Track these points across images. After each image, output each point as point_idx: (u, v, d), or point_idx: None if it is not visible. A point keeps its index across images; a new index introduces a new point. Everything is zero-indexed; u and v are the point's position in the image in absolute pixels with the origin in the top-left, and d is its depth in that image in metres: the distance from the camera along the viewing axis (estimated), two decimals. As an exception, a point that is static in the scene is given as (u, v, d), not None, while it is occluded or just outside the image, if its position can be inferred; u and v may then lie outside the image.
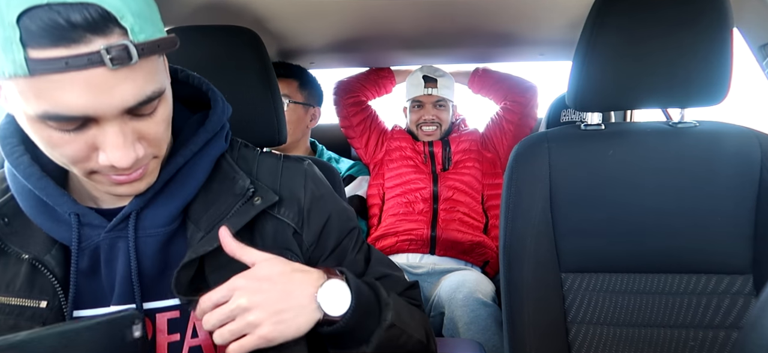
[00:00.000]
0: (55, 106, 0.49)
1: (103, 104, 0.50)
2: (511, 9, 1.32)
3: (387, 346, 0.65)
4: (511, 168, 1.03)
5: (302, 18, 1.36)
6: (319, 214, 0.72)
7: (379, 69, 1.89)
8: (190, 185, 0.64)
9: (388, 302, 0.66)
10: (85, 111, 0.50)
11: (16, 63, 0.46)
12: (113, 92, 0.50)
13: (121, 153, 0.53)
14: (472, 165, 1.74)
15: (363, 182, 1.80)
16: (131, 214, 0.61)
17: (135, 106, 0.52)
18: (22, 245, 0.60)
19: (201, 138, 0.66)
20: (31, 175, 0.59)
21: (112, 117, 0.52)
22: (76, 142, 0.52)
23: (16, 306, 0.59)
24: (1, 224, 0.60)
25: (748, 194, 0.96)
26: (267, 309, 0.57)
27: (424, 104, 1.80)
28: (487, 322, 1.36)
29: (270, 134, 0.98)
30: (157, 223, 0.62)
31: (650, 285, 0.99)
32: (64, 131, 0.52)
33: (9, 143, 0.61)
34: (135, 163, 0.55)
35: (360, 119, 1.83)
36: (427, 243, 1.64)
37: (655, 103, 1.01)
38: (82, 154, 0.53)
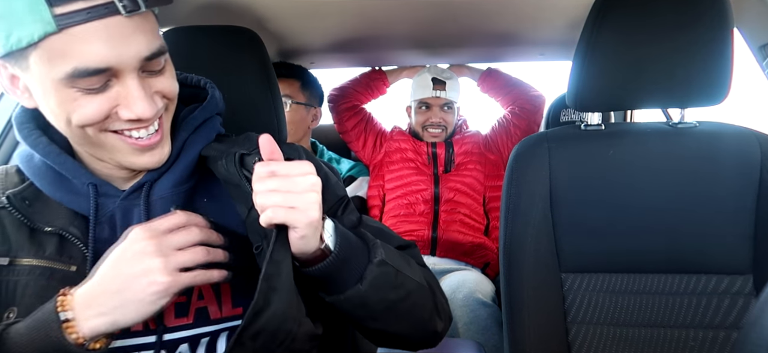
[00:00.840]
0: (81, 60, 0.55)
1: (123, 53, 0.57)
2: (511, 9, 1.32)
3: (384, 286, 0.65)
4: (511, 168, 1.03)
5: (302, 18, 1.36)
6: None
7: (371, 72, 1.88)
8: (191, 151, 0.70)
9: (375, 242, 0.68)
10: (108, 61, 0.56)
11: (44, 20, 0.53)
12: (130, 42, 0.57)
13: (145, 104, 0.59)
14: (474, 167, 1.74)
15: (363, 182, 1.80)
16: (145, 184, 0.67)
17: (149, 57, 0.59)
18: (47, 222, 0.64)
19: (201, 114, 0.72)
20: (51, 152, 0.65)
21: (132, 69, 0.58)
22: (99, 100, 0.58)
23: (47, 267, 0.62)
24: (25, 206, 0.64)
25: (748, 194, 0.96)
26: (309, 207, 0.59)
27: (432, 105, 1.79)
28: (487, 322, 1.36)
29: (270, 134, 0.98)
30: (165, 187, 0.68)
31: (650, 285, 0.99)
32: (89, 90, 0.57)
33: (26, 128, 0.66)
34: (155, 114, 0.61)
35: (354, 122, 1.82)
36: (428, 245, 1.64)
37: (655, 103, 1.01)
38: (105, 112, 0.59)
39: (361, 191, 1.78)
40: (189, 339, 0.66)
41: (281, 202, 0.58)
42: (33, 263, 0.62)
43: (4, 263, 0.62)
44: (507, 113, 1.81)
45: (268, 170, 0.60)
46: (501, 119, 1.82)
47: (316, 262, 0.63)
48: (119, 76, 0.58)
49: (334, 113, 1.85)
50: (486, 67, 1.87)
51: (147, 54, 0.59)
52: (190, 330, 0.66)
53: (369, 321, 0.68)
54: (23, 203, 0.64)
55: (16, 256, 0.62)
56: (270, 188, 0.59)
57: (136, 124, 0.61)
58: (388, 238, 0.76)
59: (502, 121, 1.81)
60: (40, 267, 0.62)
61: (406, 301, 0.69)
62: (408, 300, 0.69)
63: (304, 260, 0.63)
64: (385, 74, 1.90)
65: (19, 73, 0.59)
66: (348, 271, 0.65)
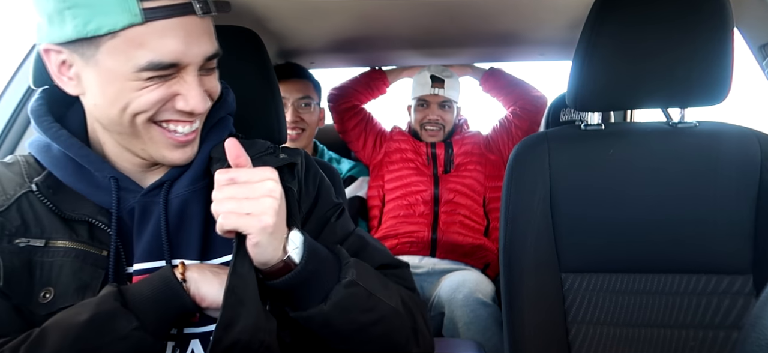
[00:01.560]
0: (157, 53, 0.59)
1: (193, 50, 0.62)
2: (511, 9, 1.32)
3: (352, 307, 0.64)
4: (511, 168, 1.03)
5: (302, 18, 1.36)
6: (313, 183, 0.78)
7: (371, 71, 1.89)
8: (205, 149, 0.72)
9: (348, 261, 0.67)
10: (180, 57, 0.61)
11: (131, 12, 0.57)
12: (200, 41, 0.63)
13: (200, 99, 0.64)
14: (474, 168, 1.74)
15: (364, 183, 1.80)
16: (166, 182, 0.69)
17: (211, 56, 0.65)
18: (74, 210, 0.65)
19: (218, 112, 0.74)
20: (73, 145, 0.66)
21: (195, 66, 0.63)
22: (160, 91, 0.62)
23: (82, 250, 0.64)
24: (50, 193, 0.65)
25: (748, 194, 0.96)
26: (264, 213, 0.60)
27: (430, 103, 1.79)
28: (487, 322, 1.36)
29: (270, 134, 0.98)
30: (182, 185, 0.69)
31: (650, 285, 0.99)
32: (154, 82, 0.61)
33: (44, 121, 0.67)
34: (205, 111, 0.66)
35: (354, 122, 1.82)
36: (428, 246, 1.64)
37: (655, 103, 1.01)
38: (161, 102, 0.63)
39: (361, 192, 1.78)
40: (200, 335, 0.66)
41: (235, 208, 0.59)
42: (67, 245, 0.63)
43: (40, 244, 0.63)
44: (508, 113, 1.81)
45: (227, 178, 0.61)
46: (502, 120, 1.82)
47: (281, 274, 0.62)
48: (182, 71, 0.63)
49: (334, 112, 1.85)
50: (489, 67, 1.87)
51: (211, 53, 0.65)
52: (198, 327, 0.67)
53: (336, 342, 0.67)
54: (49, 190, 0.65)
55: (51, 237, 0.63)
56: (227, 196, 0.60)
57: (185, 117, 0.65)
58: (373, 252, 0.76)
59: (503, 121, 1.81)
60: (74, 249, 0.63)
61: (378, 325, 0.67)
62: (380, 324, 0.67)
63: (267, 272, 0.63)
64: (385, 74, 1.90)
65: (75, 60, 0.62)
66: (313, 288, 0.64)
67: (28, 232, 0.63)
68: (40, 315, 0.60)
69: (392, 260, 0.78)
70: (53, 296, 0.61)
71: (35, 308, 0.60)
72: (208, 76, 0.67)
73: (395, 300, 0.70)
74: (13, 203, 0.64)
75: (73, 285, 0.62)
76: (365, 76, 1.87)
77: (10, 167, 0.68)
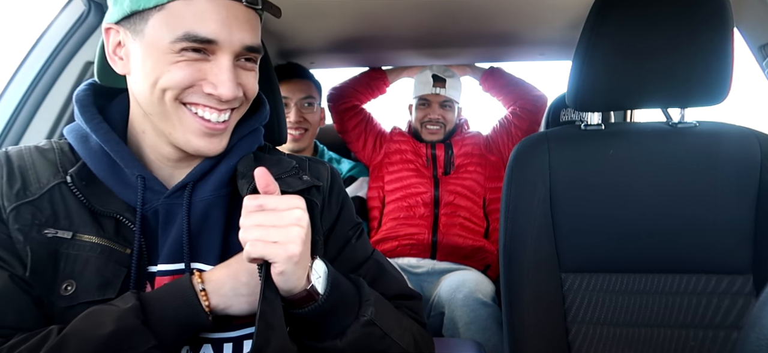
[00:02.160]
0: (195, 26, 0.61)
1: (232, 34, 0.63)
2: (511, 9, 1.32)
3: (365, 347, 0.64)
4: (511, 168, 1.03)
5: (302, 18, 1.36)
6: (337, 201, 0.78)
7: (371, 71, 1.89)
8: (235, 156, 0.72)
9: (369, 298, 0.67)
10: (217, 34, 0.62)
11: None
12: (241, 27, 0.63)
13: (229, 85, 0.63)
14: (474, 169, 1.74)
15: (364, 183, 1.80)
16: (188, 184, 0.68)
17: (250, 47, 0.65)
18: (103, 204, 0.66)
19: (252, 123, 0.75)
20: (110, 139, 0.67)
21: (230, 51, 0.63)
22: (191, 68, 0.63)
23: (107, 247, 0.64)
24: (83, 186, 0.65)
25: (748, 195, 0.96)
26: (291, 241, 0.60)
27: (431, 102, 1.79)
28: (487, 322, 1.36)
29: (270, 134, 0.98)
30: (205, 192, 0.69)
31: (650, 285, 0.99)
32: (189, 55, 0.62)
33: (88, 111, 0.68)
34: (233, 100, 0.65)
35: (354, 123, 1.82)
36: (428, 248, 1.63)
37: (655, 103, 1.01)
38: (192, 80, 0.63)
39: (362, 192, 1.78)
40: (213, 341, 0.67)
41: (262, 236, 0.58)
42: (94, 241, 0.64)
43: (67, 237, 0.63)
44: (508, 113, 1.81)
45: (256, 204, 0.60)
46: (502, 120, 1.82)
47: (303, 304, 0.62)
48: (217, 53, 0.63)
49: (334, 112, 1.85)
50: (489, 67, 1.87)
51: (250, 43, 0.65)
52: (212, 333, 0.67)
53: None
54: (81, 183, 0.65)
55: (78, 231, 0.63)
56: (255, 223, 0.59)
57: (212, 101, 0.65)
58: (391, 282, 0.77)
59: (503, 121, 1.81)
60: (100, 245, 0.64)
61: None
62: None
63: (290, 300, 0.62)
64: (385, 74, 1.90)
65: (127, 38, 0.64)
66: (332, 322, 0.64)
67: (56, 223, 0.63)
68: (60, 306, 0.61)
69: (407, 290, 0.78)
70: (75, 289, 0.61)
71: (56, 299, 0.61)
72: (245, 71, 0.67)
73: (407, 339, 0.70)
74: (45, 192, 0.64)
75: (96, 281, 0.62)
76: (365, 76, 1.87)
77: (45, 154, 0.68)
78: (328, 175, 0.79)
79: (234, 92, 0.64)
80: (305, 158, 0.81)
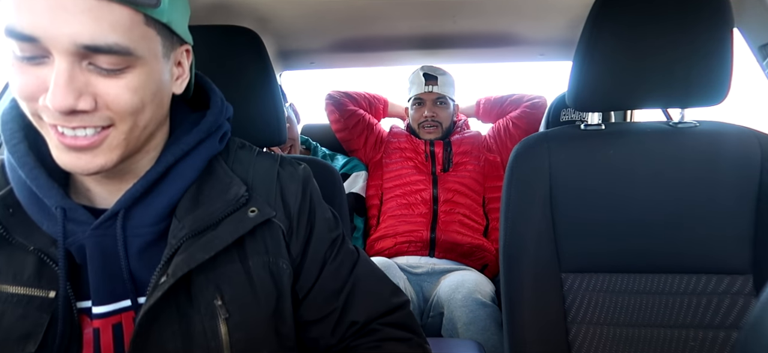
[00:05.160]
0: (15, 19, 0.49)
1: (55, 29, 0.49)
2: (511, 9, 1.32)
3: None
4: (511, 168, 1.03)
5: (302, 18, 1.36)
6: (308, 222, 0.71)
7: (375, 95, 1.96)
8: (177, 185, 0.63)
9: None
10: (34, 30, 0.49)
11: None
12: (70, 20, 0.49)
13: (60, 92, 0.50)
14: (473, 167, 1.74)
15: (358, 178, 1.80)
16: (119, 213, 0.59)
17: (91, 47, 0.50)
18: (27, 237, 0.58)
19: (192, 137, 0.64)
20: (26, 164, 0.58)
21: (64, 52, 0.50)
22: (29, 75, 0.51)
23: (25, 295, 0.57)
24: (7, 214, 0.59)
25: (748, 194, 0.96)
26: None
27: (425, 101, 1.81)
28: (487, 322, 1.36)
29: (270, 134, 0.98)
30: (145, 222, 0.61)
31: (650, 285, 0.99)
32: (22, 58, 0.51)
33: (9, 129, 0.60)
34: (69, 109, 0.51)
35: (356, 120, 1.85)
36: (427, 245, 1.64)
37: (655, 103, 1.01)
38: (31, 89, 0.52)
39: (356, 187, 1.78)
40: None
41: None
42: (9, 291, 0.57)
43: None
44: (508, 115, 1.84)
45: None
46: (501, 120, 1.84)
47: None
48: (52, 56, 0.51)
49: (337, 110, 1.85)
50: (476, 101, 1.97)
51: (88, 42, 0.50)
52: None
53: None
54: (6, 211, 0.58)
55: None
56: None
57: (58, 117, 0.52)
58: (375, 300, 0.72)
59: (502, 121, 1.83)
60: (17, 294, 0.57)
61: None
62: None
63: None
64: (387, 103, 1.99)
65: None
66: None
67: None
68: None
69: (391, 302, 0.73)
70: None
71: None
72: (107, 79, 0.53)
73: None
74: None
75: (15, 333, 0.55)
76: (369, 96, 1.94)
77: None
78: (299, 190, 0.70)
79: (66, 102, 0.50)
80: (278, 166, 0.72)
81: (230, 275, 0.63)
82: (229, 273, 0.63)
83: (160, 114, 0.61)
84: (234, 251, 0.64)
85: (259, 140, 1.00)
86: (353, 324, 0.70)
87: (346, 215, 1.03)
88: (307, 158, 1.05)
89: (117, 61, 0.53)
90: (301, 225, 0.70)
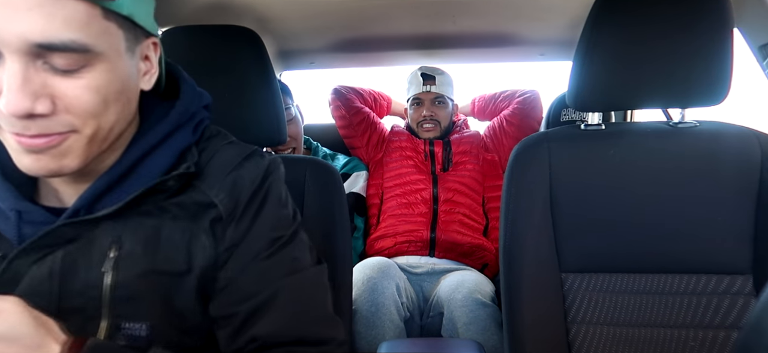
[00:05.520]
0: None
1: (5, 26, 0.45)
2: (511, 9, 1.32)
3: None
4: (511, 168, 1.03)
5: (302, 18, 1.36)
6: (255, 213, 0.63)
7: (380, 92, 1.97)
8: (143, 181, 0.58)
9: None
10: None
11: None
12: (20, 17, 0.45)
13: (14, 96, 0.46)
14: (473, 167, 1.75)
15: (359, 178, 1.80)
16: (80, 211, 0.56)
17: (45, 45, 0.47)
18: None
19: (161, 129, 0.60)
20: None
21: (16, 51, 0.47)
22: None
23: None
24: None
25: (748, 194, 0.96)
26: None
27: (424, 101, 1.82)
28: (486, 322, 1.36)
29: (270, 134, 0.98)
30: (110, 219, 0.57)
31: (650, 285, 0.99)
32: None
33: None
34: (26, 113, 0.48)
35: (361, 118, 1.85)
36: (427, 245, 1.64)
37: (655, 103, 1.01)
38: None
39: (357, 187, 1.78)
40: None
41: None
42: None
43: None
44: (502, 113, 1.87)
45: None
46: (495, 119, 1.86)
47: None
48: (5, 57, 0.47)
49: (343, 106, 1.85)
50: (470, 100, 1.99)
51: (40, 40, 0.46)
52: None
53: None
54: None
55: None
56: None
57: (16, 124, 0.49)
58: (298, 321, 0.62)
59: (496, 120, 1.86)
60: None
61: None
62: None
63: None
64: (390, 101, 2.00)
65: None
66: None
67: None
68: None
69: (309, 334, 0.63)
70: None
71: None
72: (64, 79, 0.49)
73: None
74: None
75: None
76: (375, 92, 1.96)
77: None
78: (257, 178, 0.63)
79: (22, 106, 0.47)
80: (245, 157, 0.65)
81: (136, 227, 0.58)
82: (136, 226, 0.58)
83: (128, 113, 0.58)
84: (154, 210, 0.59)
85: (259, 140, 1.00)
86: (253, 340, 0.61)
87: (346, 215, 1.03)
88: (307, 158, 1.05)
89: (74, 59, 0.49)
90: (246, 214, 0.62)
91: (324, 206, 1.00)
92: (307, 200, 1.00)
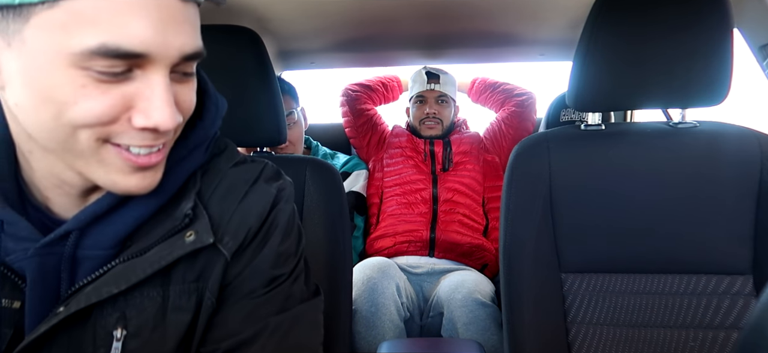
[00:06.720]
0: (116, 36, 0.43)
1: (168, 41, 0.45)
2: (511, 9, 1.32)
3: None
4: (511, 168, 1.03)
5: (302, 18, 1.36)
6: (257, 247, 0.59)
7: (388, 77, 1.97)
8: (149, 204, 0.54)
9: None
10: (149, 46, 0.44)
11: None
12: (178, 31, 0.46)
13: (168, 112, 0.46)
14: (473, 167, 1.75)
15: (359, 177, 1.80)
16: (72, 233, 0.52)
17: (191, 55, 0.48)
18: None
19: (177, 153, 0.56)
20: None
21: (167, 64, 0.46)
22: (113, 95, 0.45)
23: None
24: None
25: (748, 195, 0.96)
26: None
27: (427, 99, 1.83)
28: (486, 322, 1.36)
29: (270, 134, 0.98)
30: (101, 244, 0.53)
31: (650, 286, 0.99)
32: (107, 77, 0.44)
33: None
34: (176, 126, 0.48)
35: (365, 119, 1.86)
36: (427, 245, 1.64)
37: (655, 103, 1.01)
38: (115, 111, 0.45)
39: (357, 186, 1.78)
40: None
41: None
42: None
43: None
44: (498, 114, 1.88)
45: None
46: (493, 120, 1.88)
47: None
48: (147, 68, 0.46)
49: (349, 108, 1.87)
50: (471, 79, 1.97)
51: (191, 51, 0.48)
52: None
53: None
54: None
55: None
56: None
57: (146, 137, 0.48)
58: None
59: (494, 121, 1.87)
60: None
61: None
62: None
63: None
64: (400, 82, 1.99)
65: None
66: None
67: None
68: None
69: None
70: None
71: None
72: (183, 85, 0.50)
73: None
74: None
75: None
76: (383, 83, 1.95)
77: None
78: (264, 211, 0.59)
79: (173, 120, 0.47)
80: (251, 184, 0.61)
81: (143, 303, 0.54)
82: (141, 301, 0.54)
83: None
84: (157, 276, 0.54)
85: (258, 140, 1.00)
86: None
87: (346, 214, 1.03)
88: (307, 157, 1.05)
89: (194, 65, 0.51)
90: (248, 250, 0.59)
91: (324, 206, 1.00)
92: (307, 200, 1.00)
